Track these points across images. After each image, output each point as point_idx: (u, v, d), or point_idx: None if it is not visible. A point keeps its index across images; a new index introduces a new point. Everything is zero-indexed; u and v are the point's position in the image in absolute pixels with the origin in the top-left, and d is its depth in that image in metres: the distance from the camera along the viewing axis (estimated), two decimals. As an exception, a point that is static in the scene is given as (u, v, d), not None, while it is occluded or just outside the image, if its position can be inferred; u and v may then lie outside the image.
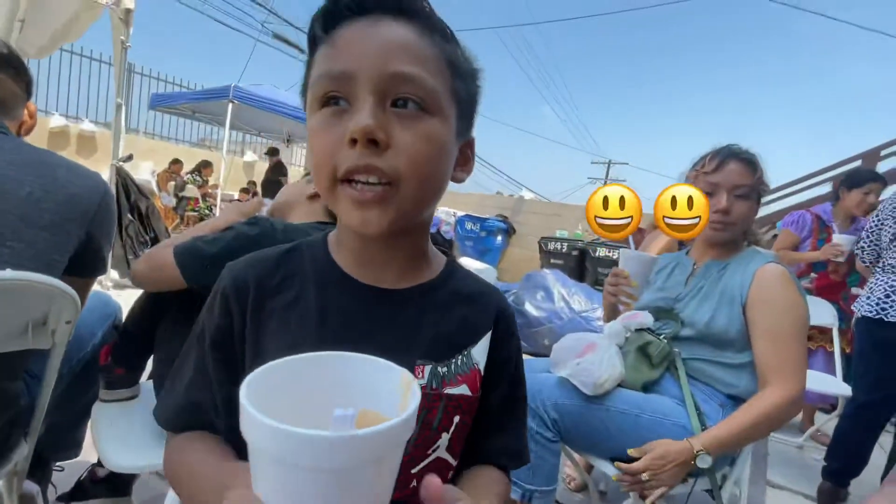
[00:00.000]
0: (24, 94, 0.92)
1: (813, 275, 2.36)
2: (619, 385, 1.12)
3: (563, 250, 5.08)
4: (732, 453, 1.08)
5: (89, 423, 1.02)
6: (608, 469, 1.08)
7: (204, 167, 7.17)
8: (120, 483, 1.17)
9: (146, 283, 0.94)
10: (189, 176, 6.86)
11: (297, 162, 10.11)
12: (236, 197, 7.09)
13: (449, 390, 0.49)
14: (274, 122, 7.05)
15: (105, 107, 7.82)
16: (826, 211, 2.38)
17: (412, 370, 0.47)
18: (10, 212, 0.75)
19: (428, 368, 0.48)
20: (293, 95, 5.80)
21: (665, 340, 1.14)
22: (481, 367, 0.51)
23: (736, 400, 1.13)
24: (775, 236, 2.59)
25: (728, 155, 1.16)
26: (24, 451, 0.83)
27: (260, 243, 0.89)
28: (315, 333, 0.47)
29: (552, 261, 5.09)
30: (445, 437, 0.49)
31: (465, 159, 0.51)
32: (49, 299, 0.72)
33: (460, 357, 0.50)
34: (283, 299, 0.48)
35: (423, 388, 0.47)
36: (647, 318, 1.19)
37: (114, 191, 3.06)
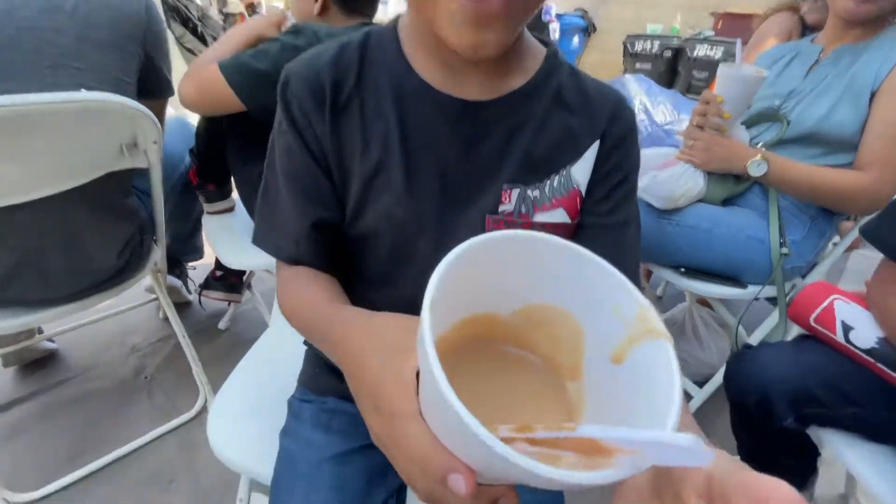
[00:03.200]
0: None
1: None
2: (700, 200, 1.05)
3: (654, 50, 4.30)
4: (801, 230, 1.02)
5: (203, 233, 1.19)
6: (669, 276, 1.10)
7: None
8: (232, 283, 1.40)
9: (200, 106, 0.91)
10: None
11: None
12: (281, 6, 6.52)
13: (540, 216, 0.43)
14: None
15: None
16: None
17: (499, 196, 0.43)
18: (64, 30, 0.73)
19: (515, 192, 0.43)
20: None
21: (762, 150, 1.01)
22: (583, 187, 0.44)
23: (832, 214, 1.04)
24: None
25: None
26: (158, 253, 1.01)
27: None
28: (401, 157, 0.42)
29: (638, 65, 4.39)
30: None
31: None
32: (131, 120, 0.76)
33: (557, 176, 0.43)
34: (360, 109, 0.43)
35: (508, 215, 0.44)
36: (742, 137, 1.03)
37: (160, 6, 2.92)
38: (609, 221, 0.45)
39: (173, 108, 1.11)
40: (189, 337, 1.13)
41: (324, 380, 0.58)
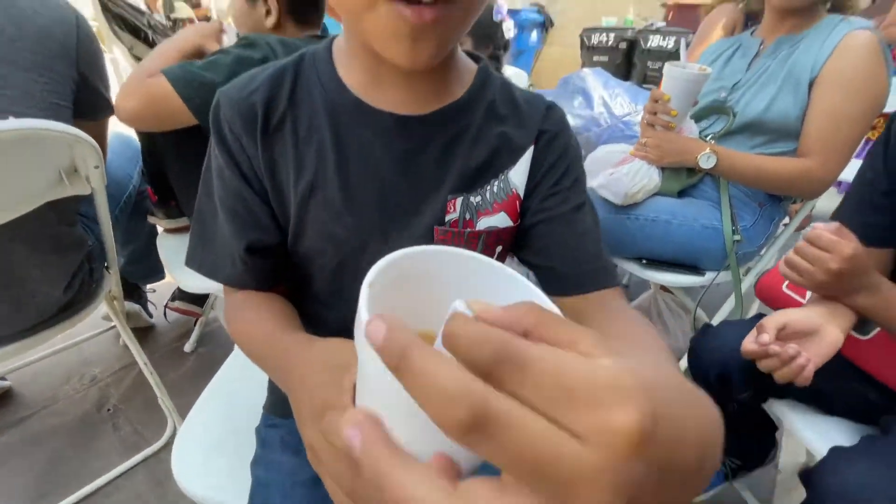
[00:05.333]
0: None
1: None
2: (656, 194, 1.09)
3: (609, 43, 4.40)
4: (751, 215, 1.07)
5: (161, 254, 1.14)
6: (631, 268, 1.14)
7: None
8: (196, 294, 1.37)
9: (144, 121, 0.85)
10: None
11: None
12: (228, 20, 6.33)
13: (484, 222, 0.45)
14: None
15: None
16: None
17: (444, 207, 0.44)
18: (-11, 55, 0.69)
19: (459, 201, 0.44)
20: None
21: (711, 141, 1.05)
22: (521, 190, 0.46)
23: (779, 199, 1.09)
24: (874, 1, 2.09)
25: None
26: (111, 281, 0.97)
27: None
28: (336, 175, 0.42)
29: (595, 58, 4.48)
30: None
31: None
32: (68, 146, 0.72)
33: (496, 182, 0.45)
34: (293, 129, 0.43)
35: (454, 224, 0.44)
36: (692, 132, 1.06)
37: (102, 17, 2.78)
38: (561, 211, 0.46)
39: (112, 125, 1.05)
40: (154, 362, 1.09)
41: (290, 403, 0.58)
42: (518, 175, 0.45)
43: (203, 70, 0.81)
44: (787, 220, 1.22)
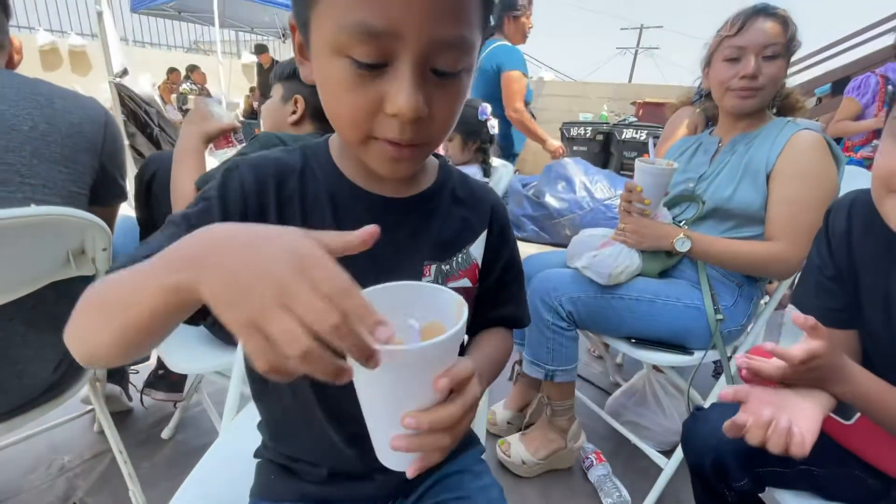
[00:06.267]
0: (2, 14, 0.86)
1: (876, 142, 2.20)
2: (639, 275, 1.14)
3: (587, 135, 4.82)
4: (732, 304, 1.12)
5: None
6: (622, 347, 1.15)
7: (192, 71, 6.79)
8: (173, 381, 1.33)
9: None
10: (185, 86, 6.54)
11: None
12: (241, 104, 6.81)
13: (452, 284, 0.54)
14: (265, 15, 6.48)
15: (88, 16, 7.31)
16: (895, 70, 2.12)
17: (420, 270, 0.53)
18: (21, 149, 0.75)
19: (433, 267, 0.54)
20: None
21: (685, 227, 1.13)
22: (479, 261, 0.57)
23: (755, 279, 1.15)
24: (820, 101, 2.37)
25: (753, 13, 1.04)
26: (99, 361, 0.95)
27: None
28: None
29: (575, 148, 4.87)
30: None
31: None
32: (80, 230, 0.76)
33: (460, 255, 0.55)
34: (301, 202, 0.50)
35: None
36: (665, 217, 1.16)
37: (118, 110, 3.00)
38: (501, 284, 0.61)
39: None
40: (128, 450, 1.03)
41: (280, 484, 0.57)
42: (477, 249, 0.57)
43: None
44: (766, 298, 1.27)
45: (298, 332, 0.25)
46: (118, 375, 1.37)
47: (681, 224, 1.14)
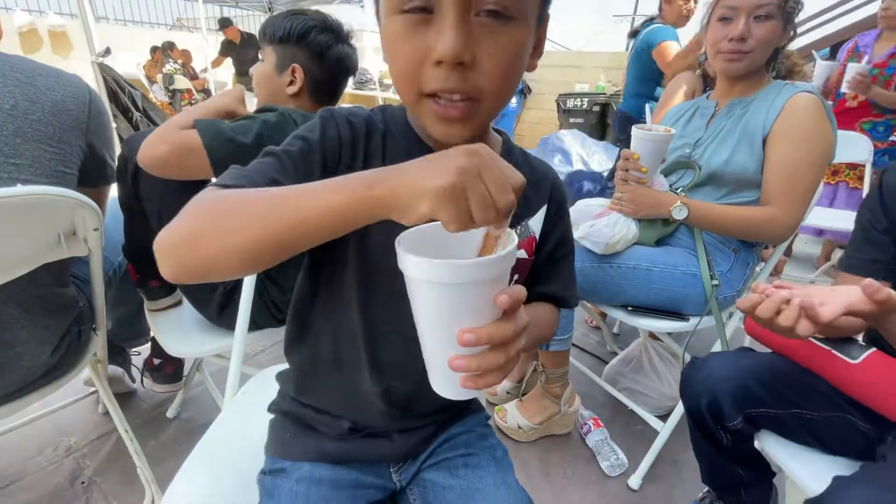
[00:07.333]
0: None
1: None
2: (635, 243, 1.14)
3: (584, 107, 4.73)
4: (725, 258, 1.14)
5: (150, 325, 1.13)
6: (618, 315, 1.16)
7: (170, 49, 6.43)
8: (168, 373, 1.30)
9: (169, 167, 0.88)
10: (169, 66, 6.27)
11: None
12: (229, 84, 6.61)
13: None
14: (251, -12, 6.25)
15: (65, -7, 7.03)
16: (869, 36, 2.13)
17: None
18: (3, 127, 0.73)
19: None
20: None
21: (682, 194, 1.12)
22: (537, 234, 0.59)
23: (751, 245, 1.15)
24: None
25: None
26: (98, 343, 0.96)
27: (284, 131, 0.86)
28: None
29: (571, 120, 4.79)
30: None
31: (538, 43, 0.48)
32: (70, 210, 0.75)
33: (520, 227, 0.57)
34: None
35: None
36: (662, 185, 1.15)
37: (103, 91, 2.92)
38: (551, 261, 0.62)
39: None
40: (134, 430, 1.04)
41: (298, 442, 0.58)
42: (535, 224, 0.59)
43: (233, 131, 0.87)
44: (761, 264, 1.27)
45: (489, 201, 0.34)
46: (120, 358, 1.38)
47: (678, 191, 1.13)
